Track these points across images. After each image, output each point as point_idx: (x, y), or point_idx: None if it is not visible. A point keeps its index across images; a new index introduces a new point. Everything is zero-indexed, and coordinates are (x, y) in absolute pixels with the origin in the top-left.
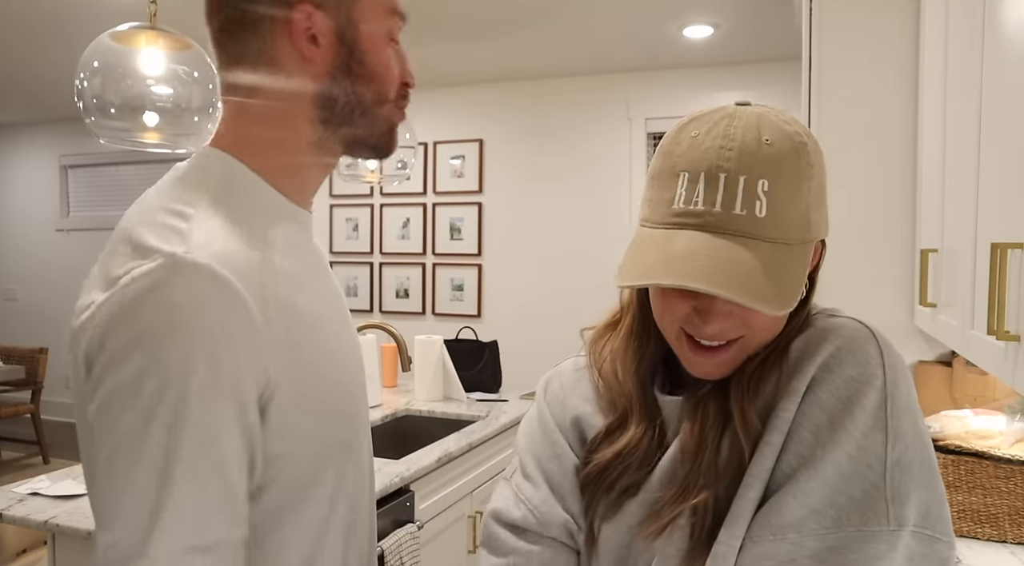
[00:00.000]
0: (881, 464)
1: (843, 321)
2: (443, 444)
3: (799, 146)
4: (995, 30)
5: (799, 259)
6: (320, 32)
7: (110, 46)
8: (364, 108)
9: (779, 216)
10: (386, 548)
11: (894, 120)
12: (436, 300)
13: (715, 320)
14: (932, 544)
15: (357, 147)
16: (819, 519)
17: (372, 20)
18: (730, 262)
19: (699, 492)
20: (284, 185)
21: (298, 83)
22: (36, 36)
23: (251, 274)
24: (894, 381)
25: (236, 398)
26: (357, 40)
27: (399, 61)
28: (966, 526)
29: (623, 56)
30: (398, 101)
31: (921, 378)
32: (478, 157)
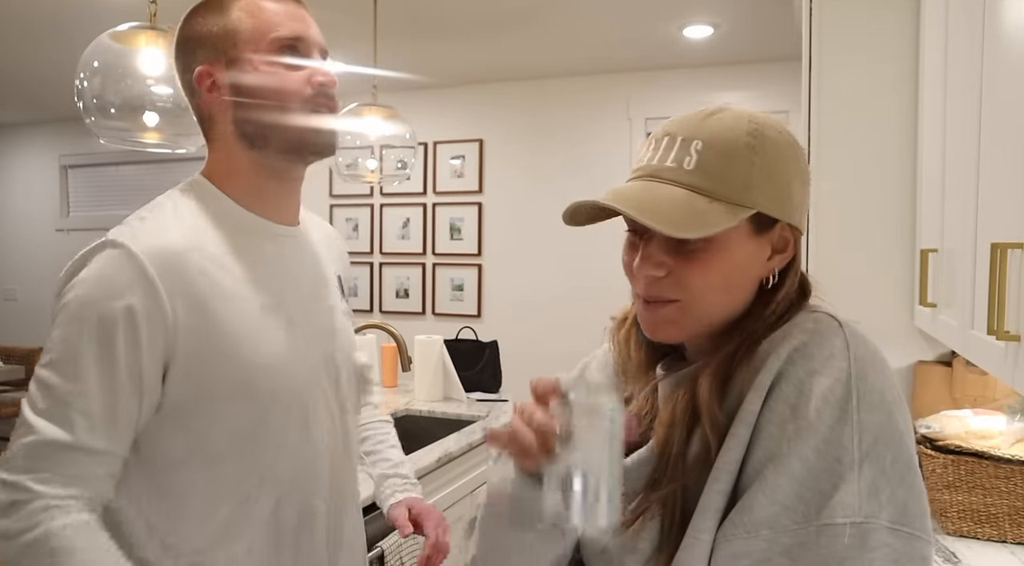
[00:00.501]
0: (849, 457)
1: (815, 315)
2: (443, 444)
3: (751, 128)
4: (995, 30)
5: (719, 212)
6: (218, 81)
7: (110, 46)
8: (271, 124)
9: (706, 171)
10: (386, 548)
11: (894, 120)
12: (436, 300)
13: (644, 265)
14: (912, 542)
15: (291, 155)
16: (790, 515)
17: (251, 54)
18: (644, 193)
19: (667, 485)
20: (252, 205)
21: (219, 123)
22: (36, 36)
23: (173, 267)
24: (860, 374)
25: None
26: (242, 75)
27: (302, 72)
28: (966, 526)
29: (623, 56)
30: (310, 102)
31: (921, 378)
32: (478, 157)
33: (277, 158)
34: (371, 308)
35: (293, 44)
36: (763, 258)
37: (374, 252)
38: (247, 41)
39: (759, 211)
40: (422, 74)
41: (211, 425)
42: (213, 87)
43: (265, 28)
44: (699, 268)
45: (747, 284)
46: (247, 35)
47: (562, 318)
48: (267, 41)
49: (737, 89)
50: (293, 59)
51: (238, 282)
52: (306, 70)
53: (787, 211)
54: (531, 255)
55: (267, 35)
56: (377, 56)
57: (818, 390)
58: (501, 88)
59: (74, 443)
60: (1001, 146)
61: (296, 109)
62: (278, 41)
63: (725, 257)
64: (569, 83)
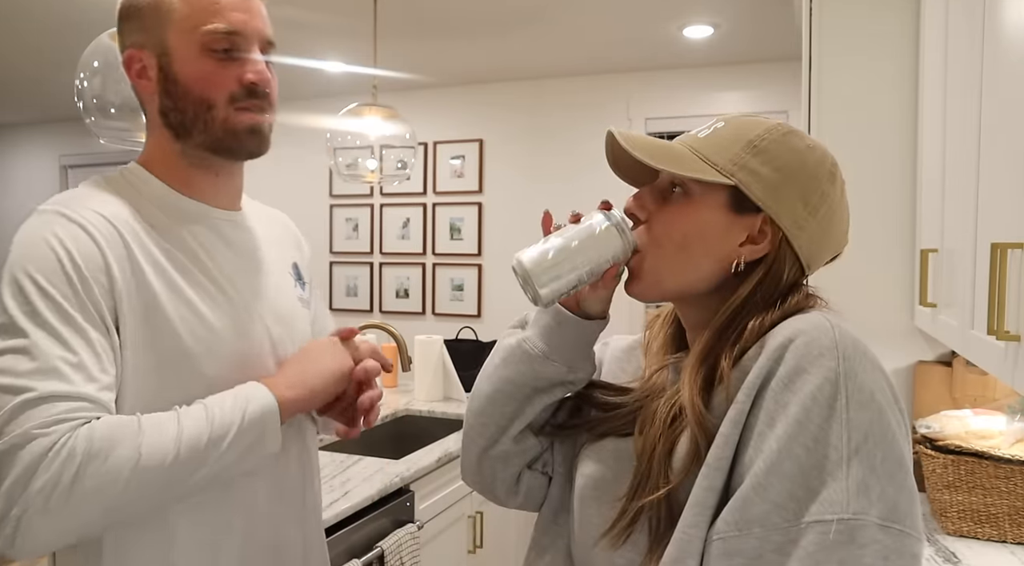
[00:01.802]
0: (838, 455)
1: (804, 315)
2: (443, 444)
3: (773, 126)
4: (995, 30)
5: (696, 165)
6: (147, 66)
7: (110, 46)
8: (195, 117)
9: (710, 141)
10: (386, 548)
11: (894, 120)
12: (436, 300)
13: (631, 203)
14: (903, 539)
15: (215, 150)
16: (781, 513)
17: (181, 42)
18: (650, 139)
19: (651, 492)
20: (186, 191)
21: (149, 109)
22: (36, 36)
23: (110, 232)
24: (849, 373)
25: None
26: (171, 63)
27: (234, 67)
28: (966, 526)
29: (623, 56)
30: (238, 102)
31: (921, 378)
32: (478, 157)
33: (203, 153)
34: (371, 308)
35: (228, 37)
36: (734, 240)
37: (374, 252)
38: (178, 30)
39: (739, 187)
40: (422, 74)
41: None
42: (142, 73)
43: (199, 17)
44: (667, 216)
45: (708, 255)
46: (178, 23)
47: None
48: (199, 32)
49: (737, 89)
50: (223, 54)
51: (175, 261)
52: (237, 67)
53: (772, 203)
54: None
55: (199, 26)
56: (377, 56)
57: (807, 389)
58: (501, 88)
59: (74, 392)
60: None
61: (222, 107)
62: (211, 33)
63: (692, 215)
64: (569, 83)
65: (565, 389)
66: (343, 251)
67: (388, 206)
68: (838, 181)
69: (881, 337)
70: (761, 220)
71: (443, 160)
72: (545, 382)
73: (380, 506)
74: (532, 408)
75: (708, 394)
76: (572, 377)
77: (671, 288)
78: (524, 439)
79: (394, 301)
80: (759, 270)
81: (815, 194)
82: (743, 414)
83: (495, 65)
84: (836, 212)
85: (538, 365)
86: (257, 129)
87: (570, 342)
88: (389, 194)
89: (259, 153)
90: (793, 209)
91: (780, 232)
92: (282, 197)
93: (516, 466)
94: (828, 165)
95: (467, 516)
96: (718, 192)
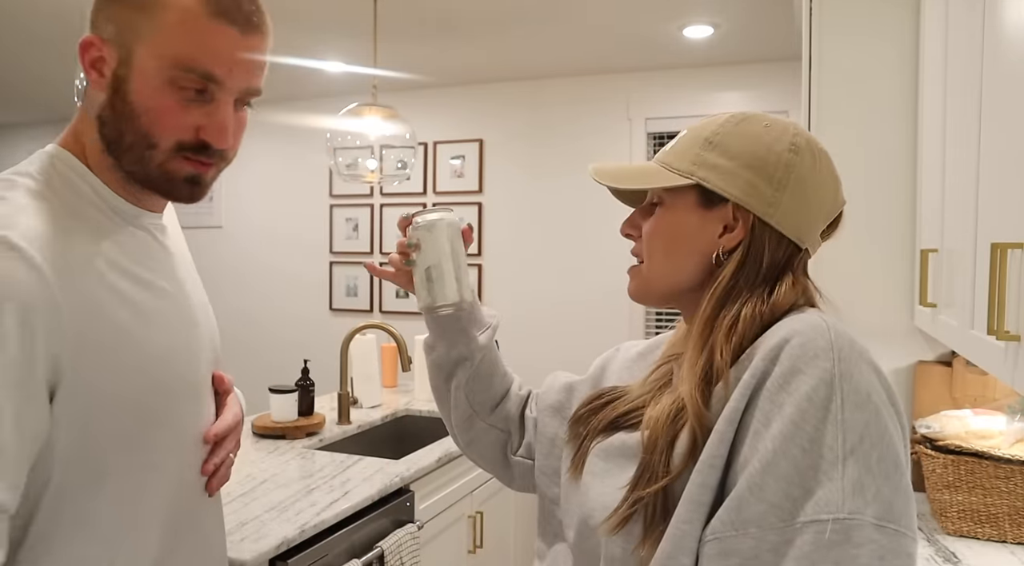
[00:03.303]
0: (833, 455)
1: (801, 315)
2: (443, 444)
3: (725, 120)
4: (995, 31)
5: (661, 176)
6: (105, 63)
7: None
8: (132, 147)
9: (673, 150)
10: (386, 548)
11: (894, 120)
12: None
13: (624, 226)
14: (898, 539)
15: (142, 184)
16: (777, 513)
17: (150, 66)
18: (619, 166)
19: (650, 484)
20: (116, 189)
21: (89, 102)
22: (36, 36)
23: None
24: (845, 374)
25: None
26: (129, 78)
27: (202, 117)
28: (966, 526)
29: (623, 56)
30: (184, 152)
31: (921, 378)
32: (478, 157)
33: (127, 175)
34: (371, 308)
35: (202, 81)
36: (712, 233)
37: (374, 252)
38: (151, 44)
39: (701, 184)
40: (422, 74)
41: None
42: (95, 64)
43: (180, 44)
44: (650, 228)
45: (691, 254)
46: (155, 37)
47: (562, 318)
48: (171, 61)
49: (737, 89)
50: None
51: (119, 268)
52: (199, 114)
53: (734, 191)
54: (531, 255)
55: (176, 55)
56: (377, 56)
57: (803, 390)
58: (501, 88)
59: None
60: (1001, 146)
61: (165, 150)
62: (184, 70)
63: (670, 220)
64: (569, 83)
65: (463, 365)
66: (343, 251)
67: (388, 206)
68: (805, 151)
69: (881, 337)
70: (732, 208)
71: (443, 160)
72: (446, 365)
73: (380, 506)
74: (456, 392)
75: (708, 389)
76: (456, 354)
77: (662, 289)
78: (472, 424)
79: (394, 301)
80: (737, 254)
81: (778, 169)
82: (738, 412)
83: (495, 65)
84: (810, 179)
85: (429, 356)
86: (198, 179)
87: (441, 327)
88: (389, 194)
89: (193, 201)
90: (757, 188)
91: (751, 215)
92: (282, 197)
93: (489, 449)
94: (789, 138)
95: (467, 516)
96: (686, 194)
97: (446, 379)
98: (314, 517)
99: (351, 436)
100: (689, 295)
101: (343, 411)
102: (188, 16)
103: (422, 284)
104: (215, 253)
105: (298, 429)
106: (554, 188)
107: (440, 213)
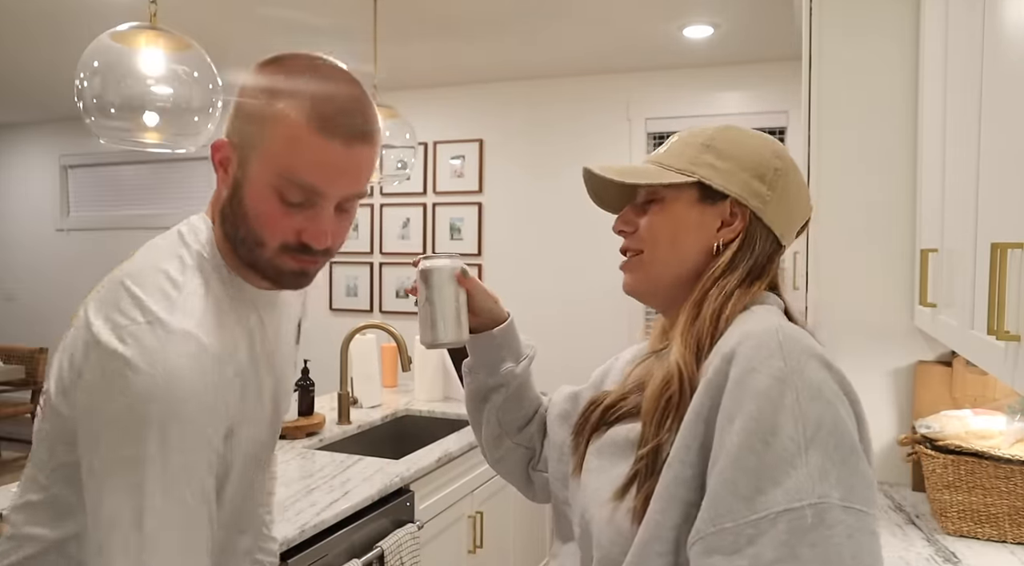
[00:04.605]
0: (795, 445)
1: (755, 318)
2: (443, 444)
3: (715, 131)
4: (995, 31)
5: (661, 174)
6: (229, 164)
7: (110, 46)
8: (245, 241)
9: (669, 152)
10: (386, 548)
11: (894, 120)
12: None
13: (617, 223)
14: (862, 518)
15: (253, 271)
16: (750, 505)
17: (260, 173)
18: (619, 164)
19: (645, 443)
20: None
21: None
22: (36, 36)
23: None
24: (796, 370)
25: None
26: (243, 183)
27: (303, 221)
28: (966, 526)
29: (623, 56)
30: (292, 253)
31: (921, 378)
32: (478, 157)
33: (243, 264)
34: (371, 308)
35: (303, 191)
36: (712, 227)
37: (374, 252)
38: (263, 156)
39: (701, 181)
40: (422, 74)
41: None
42: (223, 163)
43: (286, 158)
44: (651, 222)
45: (694, 245)
46: (267, 150)
47: (562, 317)
48: (277, 173)
49: (737, 89)
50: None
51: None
52: (301, 219)
53: (734, 187)
54: (531, 255)
55: (281, 167)
56: (377, 56)
57: (759, 387)
58: (501, 88)
59: None
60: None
61: (272, 249)
62: (287, 181)
63: (672, 216)
64: (569, 83)
65: (500, 390)
66: (343, 251)
67: (388, 206)
68: (786, 158)
69: (881, 337)
70: (730, 204)
71: (443, 160)
72: (483, 390)
73: (380, 506)
74: (488, 413)
75: (697, 356)
76: (493, 381)
77: (666, 278)
78: (500, 443)
79: (394, 301)
80: (734, 245)
81: (768, 171)
82: (703, 408)
83: (495, 65)
84: (792, 184)
85: (468, 379)
86: (303, 273)
87: (483, 356)
88: (389, 194)
89: (299, 288)
90: (753, 187)
91: (748, 210)
92: None
93: (516, 466)
94: (772, 146)
95: (467, 516)
96: (687, 191)
97: (482, 401)
98: (314, 517)
99: (351, 436)
100: (685, 286)
101: (343, 411)
102: (294, 131)
103: (423, 323)
104: None
105: (298, 429)
106: (554, 188)
107: (440, 260)
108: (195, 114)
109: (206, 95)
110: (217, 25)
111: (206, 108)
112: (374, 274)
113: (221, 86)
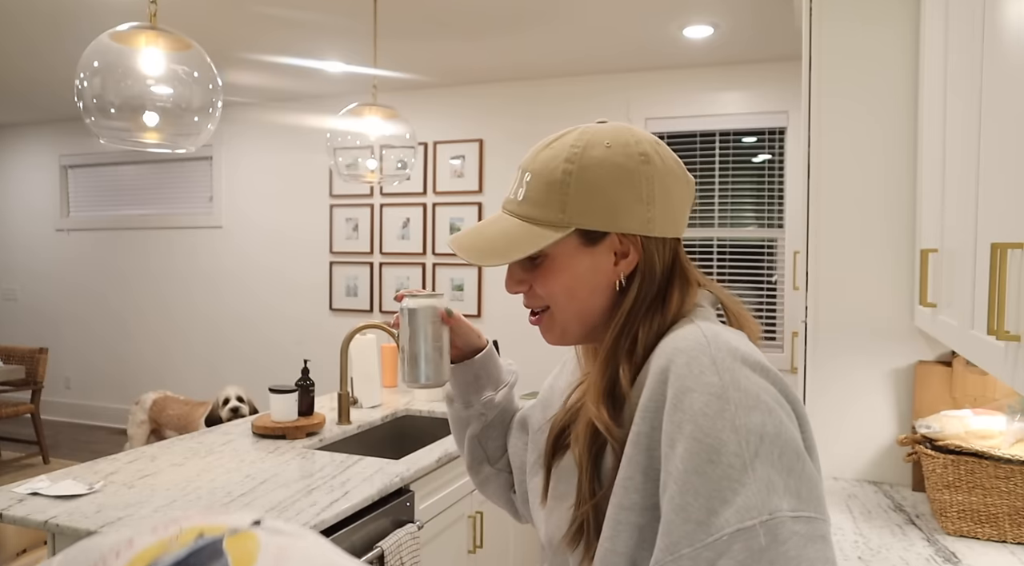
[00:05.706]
0: (740, 462)
1: (681, 331)
2: (443, 444)
3: (570, 153)
4: (995, 31)
5: (535, 236)
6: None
7: (110, 46)
8: None
9: (529, 200)
10: (386, 548)
11: (894, 120)
12: None
13: (508, 283)
14: (812, 524)
15: None
16: (704, 529)
17: None
18: (477, 231)
19: (583, 504)
20: None
21: None
22: (36, 37)
23: None
24: (731, 383)
25: None
26: None
27: None
28: (966, 526)
29: (623, 56)
30: None
31: (921, 378)
32: (478, 157)
33: None
34: (371, 308)
35: None
36: (606, 265)
37: (374, 252)
38: None
39: (579, 228)
40: (422, 74)
41: None
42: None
43: None
44: (542, 280)
45: (595, 290)
46: None
47: None
48: None
49: (737, 89)
50: None
51: None
52: None
53: (615, 222)
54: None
55: None
56: (377, 56)
57: (696, 407)
58: (501, 88)
59: None
60: (1001, 146)
61: None
62: None
63: (561, 269)
64: (569, 83)
65: (478, 419)
66: (343, 251)
67: (388, 206)
68: (652, 154)
69: (881, 337)
70: (616, 236)
71: (443, 160)
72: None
73: (380, 506)
74: (470, 440)
75: (613, 406)
76: (473, 410)
77: (579, 329)
78: (482, 468)
79: (394, 301)
80: (636, 277)
81: (642, 184)
82: (641, 435)
83: (495, 65)
84: (667, 180)
85: (449, 408)
86: None
87: (459, 385)
88: (389, 194)
89: None
90: (633, 212)
91: (637, 237)
92: (282, 197)
93: (500, 489)
94: (635, 150)
95: (467, 516)
96: (568, 240)
97: (462, 428)
98: (314, 517)
99: (351, 436)
100: (603, 325)
101: (343, 411)
102: None
103: (404, 362)
104: (215, 253)
105: (298, 429)
106: None
107: (424, 300)
108: (195, 114)
109: (206, 95)
110: (217, 25)
111: (206, 108)
112: (374, 274)
113: (221, 86)
